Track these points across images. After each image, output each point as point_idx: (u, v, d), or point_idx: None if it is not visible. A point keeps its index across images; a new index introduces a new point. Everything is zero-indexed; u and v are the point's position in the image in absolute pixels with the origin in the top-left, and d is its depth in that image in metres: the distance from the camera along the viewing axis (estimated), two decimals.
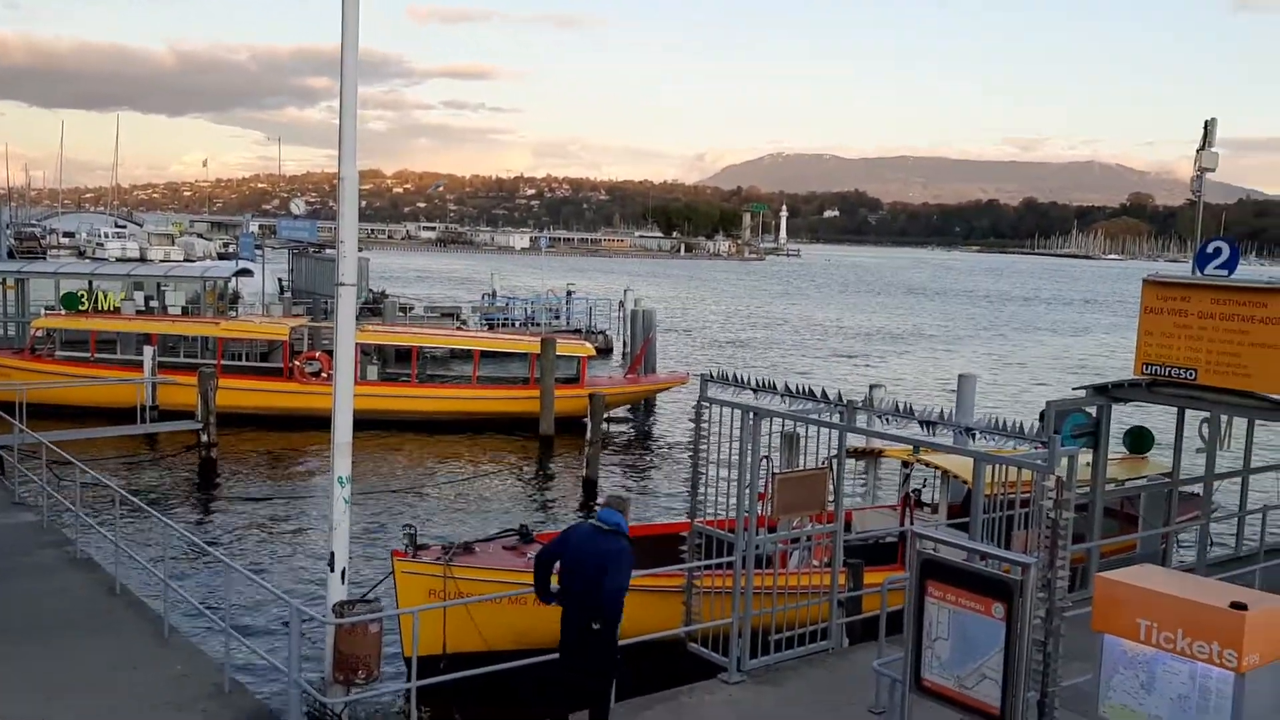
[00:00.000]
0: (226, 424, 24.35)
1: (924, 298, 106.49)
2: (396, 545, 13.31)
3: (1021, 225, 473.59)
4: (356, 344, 26.45)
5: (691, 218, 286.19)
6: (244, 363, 28.90)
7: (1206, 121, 12.56)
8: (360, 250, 11.38)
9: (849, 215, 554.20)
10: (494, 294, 52.37)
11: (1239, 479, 15.62)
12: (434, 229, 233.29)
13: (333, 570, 10.09)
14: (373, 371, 28.31)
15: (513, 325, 46.16)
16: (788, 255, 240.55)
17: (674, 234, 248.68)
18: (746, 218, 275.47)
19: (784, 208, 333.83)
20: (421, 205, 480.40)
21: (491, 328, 44.39)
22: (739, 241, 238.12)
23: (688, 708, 9.86)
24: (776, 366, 43.96)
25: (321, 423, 9.68)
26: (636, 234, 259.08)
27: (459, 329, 40.51)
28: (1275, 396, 11.61)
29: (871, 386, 25.44)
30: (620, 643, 9.90)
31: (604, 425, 27.63)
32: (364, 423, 24.24)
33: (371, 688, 9.85)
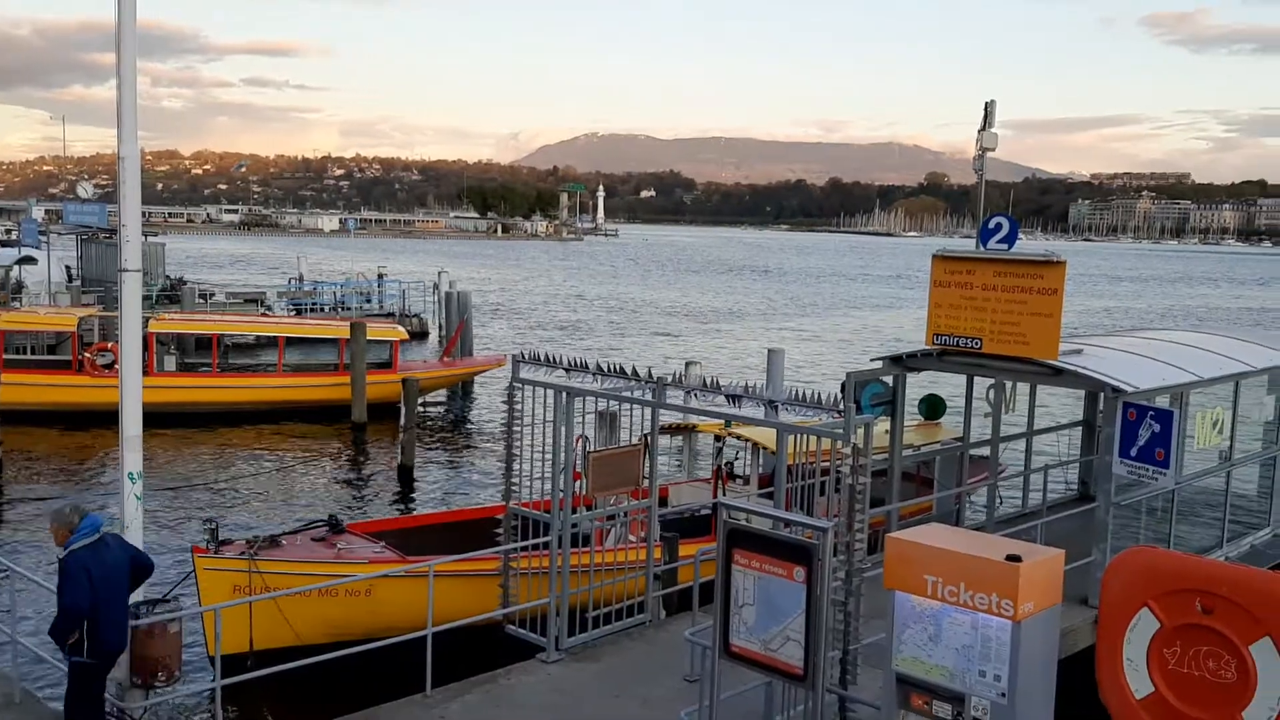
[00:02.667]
0: (12, 421, 22.76)
1: (739, 276, 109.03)
2: (198, 541, 12.77)
3: (828, 204, 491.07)
4: (151, 333, 25.55)
5: (508, 198, 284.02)
6: (30, 356, 27.04)
7: (987, 104, 13.26)
8: (156, 234, 10.83)
9: (665, 195, 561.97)
10: (301, 278, 50.69)
11: (1024, 440, 16.67)
12: (237, 212, 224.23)
13: None
14: (170, 362, 26.94)
15: (322, 310, 44.81)
16: (605, 235, 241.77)
17: (490, 215, 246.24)
18: (564, 198, 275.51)
19: (601, 188, 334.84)
20: (223, 187, 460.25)
21: (299, 313, 42.97)
22: (557, 222, 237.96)
23: (506, 689, 9.85)
24: (598, 346, 44.22)
25: (116, 418, 9.20)
26: (451, 215, 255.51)
27: (264, 315, 39.05)
28: (1052, 362, 12.38)
29: (687, 363, 25.94)
30: (437, 628, 9.84)
31: (419, 410, 27.21)
32: (163, 416, 23.51)
33: (172, 689, 9.44)
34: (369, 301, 47.93)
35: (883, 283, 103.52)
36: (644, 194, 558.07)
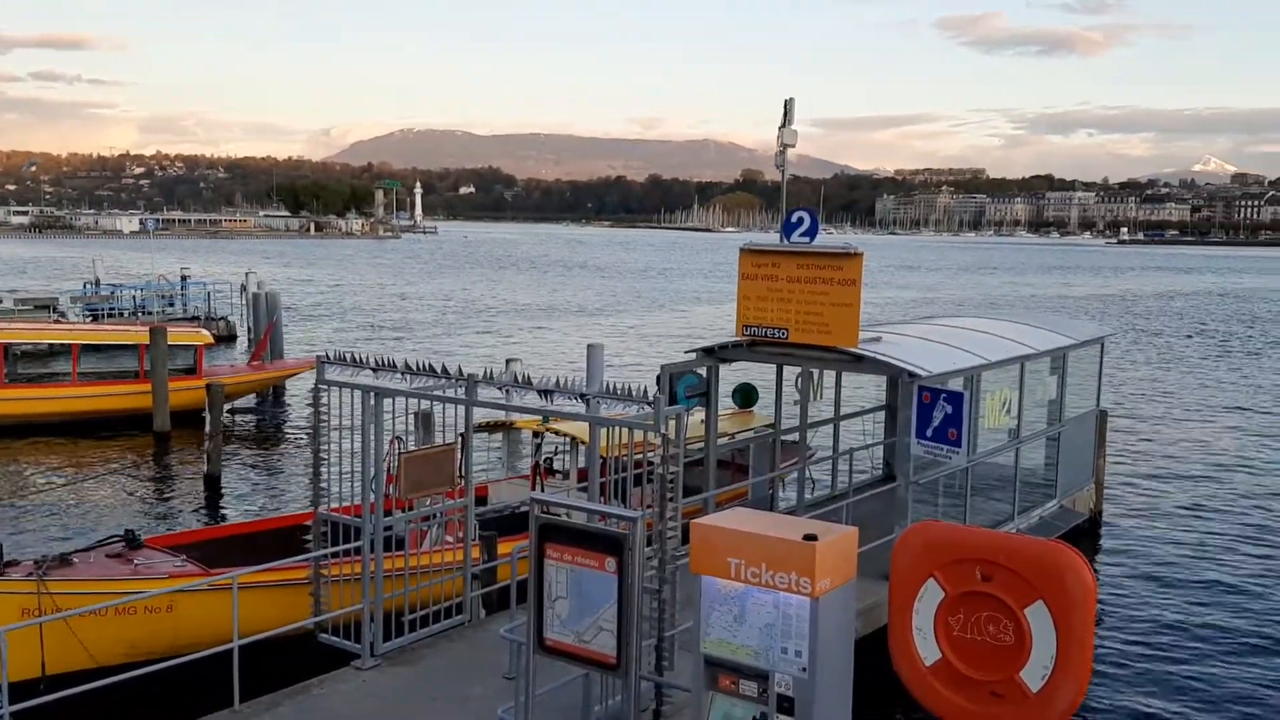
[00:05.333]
0: None
1: (562, 272, 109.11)
2: None
3: (648, 200, 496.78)
4: None
5: (320, 195, 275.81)
6: None
7: (786, 101, 13.65)
8: None
9: (485, 192, 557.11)
10: (97, 282, 47.91)
11: (831, 426, 17.30)
12: (27, 213, 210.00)
13: None
14: None
15: (120, 315, 42.50)
16: (424, 233, 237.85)
17: (302, 213, 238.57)
18: (379, 195, 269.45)
19: (418, 185, 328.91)
20: (12, 188, 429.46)
21: (96, 319, 40.64)
22: (373, 219, 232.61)
23: (319, 699, 9.59)
24: (419, 346, 43.47)
25: None
26: (261, 214, 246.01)
27: (56, 321, 36.73)
28: (853, 350, 12.90)
29: (508, 360, 25.77)
30: (244, 641, 9.50)
31: (228, 417, 26.18)
32: None
33: None
34: (171, 305, 45.79)
35: (702, 277, 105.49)
36: (463, 191, 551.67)
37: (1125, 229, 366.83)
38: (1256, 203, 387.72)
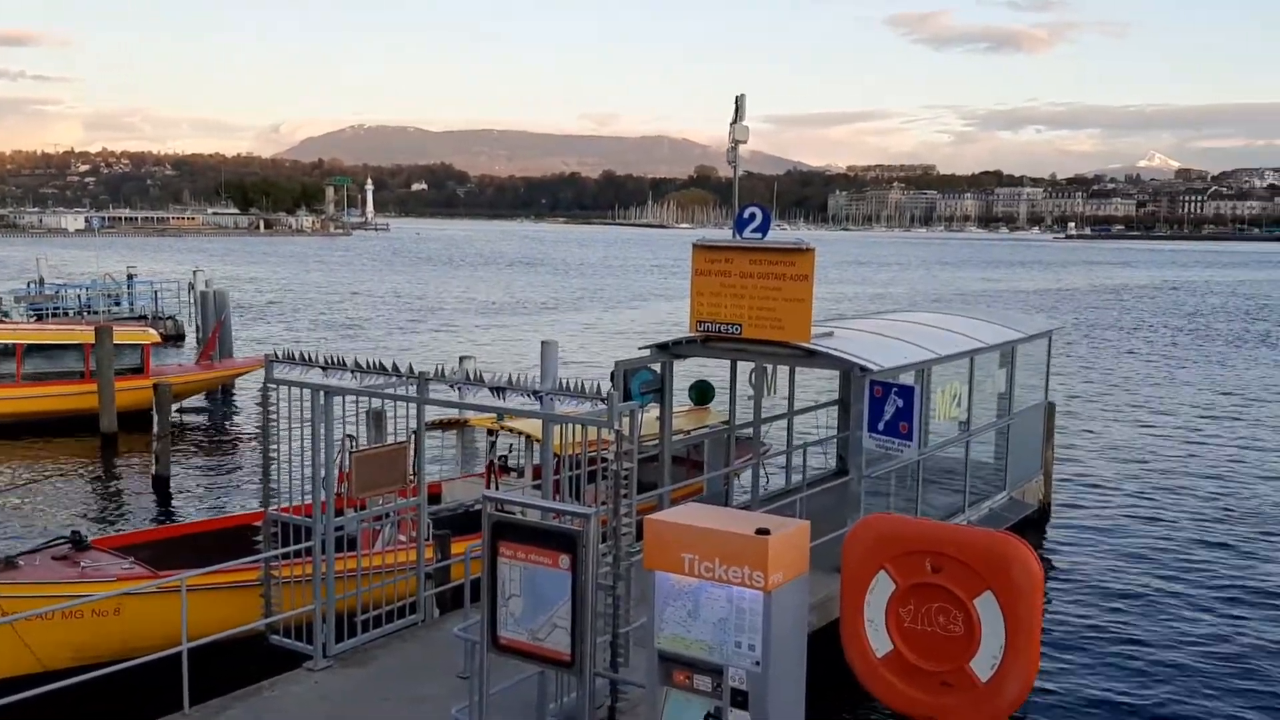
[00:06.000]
0: None
1: (516, 269, 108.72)
2: None
3: (602, 197, 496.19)
4: None
5: (270, 192, 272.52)
6: None
7: (738, 98, 13.66)
8: None
9: (437, 188, 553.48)
10: (42, 281, 47.01)
11: (785, 421, 17.39)
12: None
13: None
14: None
15: (66, 315, 41.74)
16: (376, 230, 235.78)
17: (252, 210, 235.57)
18: (330, 191, 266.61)
19: (369, 181, 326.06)
20: None
21: (41, 318, 39.88)
22: (324, 216, 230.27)
23: (270, 701, 9.49)
24: (371, 344, 43.10)
25: None
26: (209, 211, 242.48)
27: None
28: (806, 345, 12.97)
29: (461, 358, 25.63)
30: (193, 643, 9.38)
31: (176, 417, 25.85)
32: None
33: None
34: (118, 304, 45.02)
35: (657, 273, 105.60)
36: (415, 187, 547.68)
37: (1073, 224, 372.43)
38: (1199, 198, 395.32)
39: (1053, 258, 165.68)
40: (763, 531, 6.10)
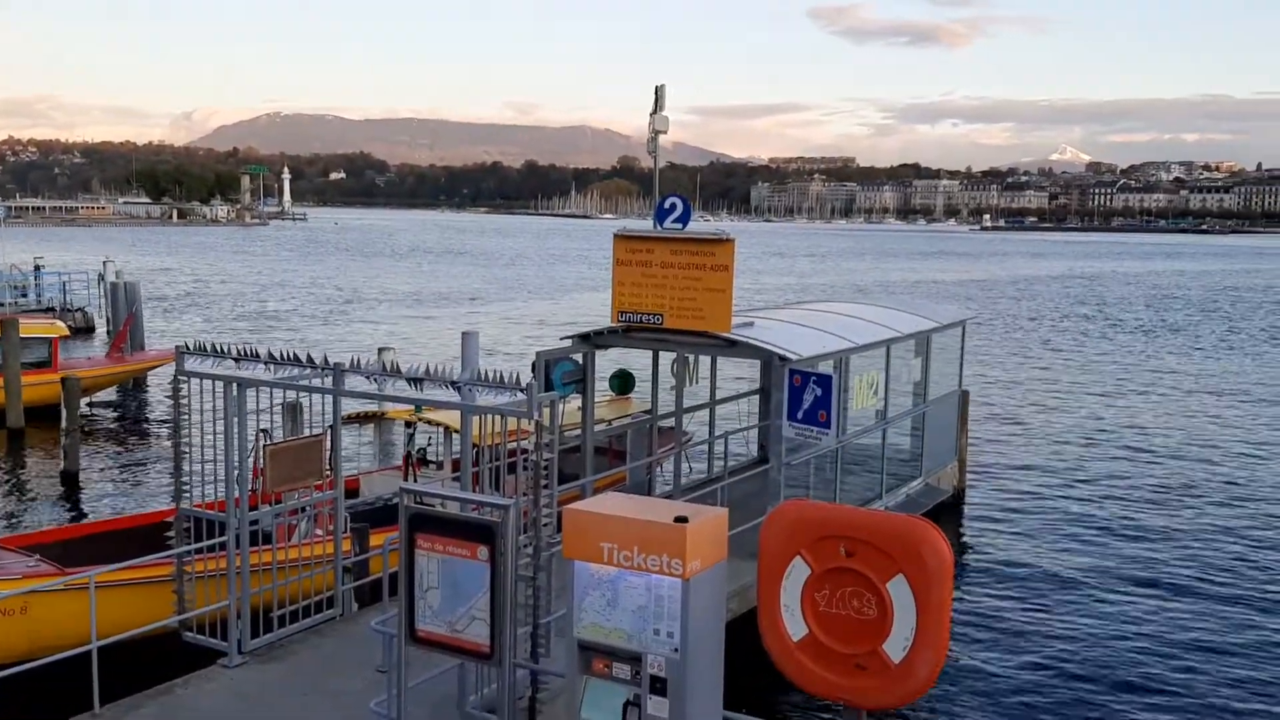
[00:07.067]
0: None
1: (438, 259, 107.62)
2: None
3: (525, 186, 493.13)
4: None
5: (183, 181, 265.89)
6: None
7: (657, 88, 13.70)
8: None
9: (356, 177, 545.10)
10: None
11: (707, 410, 17.52)
12: None
13: None
14: None
15: None
16: (294, 219, 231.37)
17: (165, 199, 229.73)
18: (245, 180, 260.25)
19: (286, 170, 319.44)
20: None
21: None
22: (239, 206, 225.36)
23: (184, 698, 9.31)
24: (289, 335, 42.34)
25: None
26: (121, 200, 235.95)
27: None
28: (726, 335, 13.07)
29: (379, 349, 25.33)
30: (103, 642, 9.16)
31: (87, 411, 25.20)
32: None
33: None
34: (25, 295, 43.56)
35: (580, 263, 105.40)
36: (334, 176, 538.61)
37: (988, 216, 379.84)
38: (1109, 190, 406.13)
39: (968, 249, 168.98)
40: (681, 520, 6.14)
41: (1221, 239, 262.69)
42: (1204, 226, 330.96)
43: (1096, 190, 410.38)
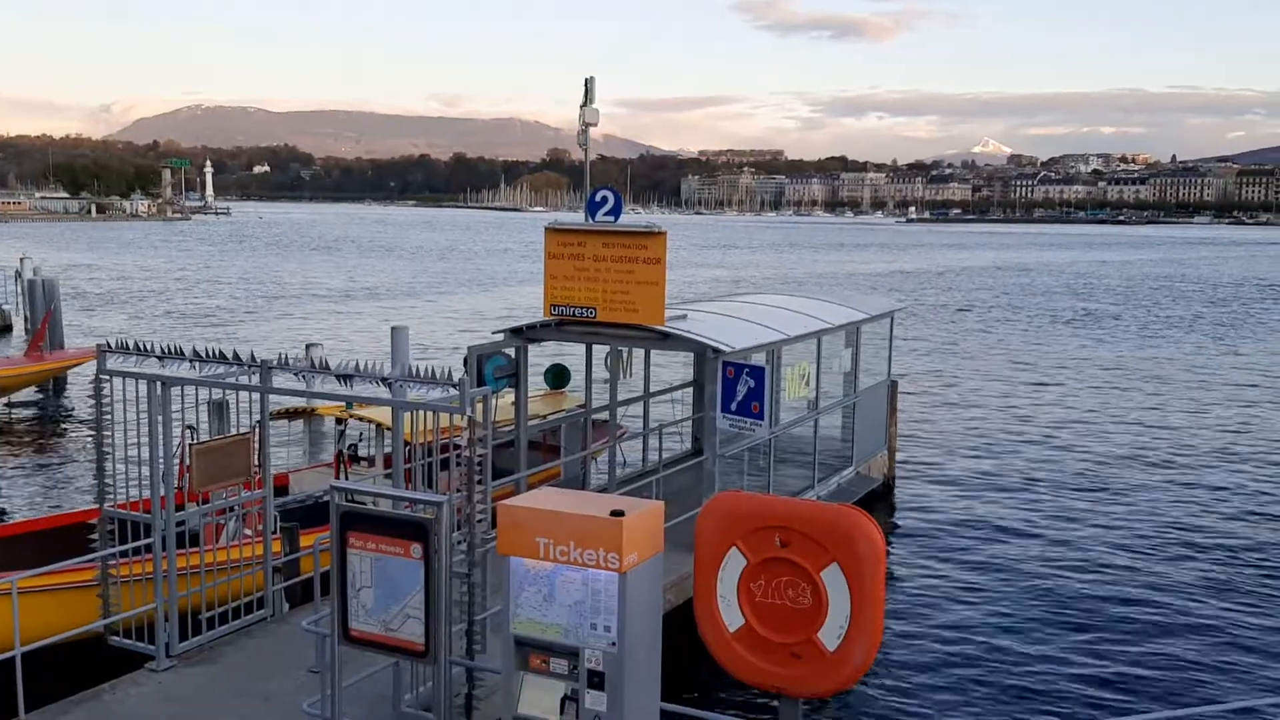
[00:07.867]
0: None
1: (366, 253, 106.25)
2: None
3: (453, 179, 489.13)
4: None
5: (102, 176, 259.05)
6: None
7: (587, 80, 13.68)
8: None
9: (281, 171, 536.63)
10: None
11: (641, 403, 17.53)
12: None
13: None
14: None
15: None
16: (217, 214, 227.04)
17: (83, 194, 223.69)
18: (166, 174, 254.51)
19: (208, 164, 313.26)
20: None
21: None
22: (160, 200, 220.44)
23: (112, 704, 9.09)
24: (214, 332, 41.51)
25: None
26: (37, 195, 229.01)
27: None
28: (659, 327, 13.09)
29: (308, 345, 24.97)
30: (26, 648, 8.90)
31: (4, 411, 24.54)
32: None
33: None
34: None
35: (511, 257, 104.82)
36: (257, 170, 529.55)
37: (914, 208, 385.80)
38: (1030, 183, 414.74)
39: (895, 240, 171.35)
40: (617, 513, 6.14)
41: (1139, 229, 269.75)
42: (1121, 217, 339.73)
43: (1018, 182, 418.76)
